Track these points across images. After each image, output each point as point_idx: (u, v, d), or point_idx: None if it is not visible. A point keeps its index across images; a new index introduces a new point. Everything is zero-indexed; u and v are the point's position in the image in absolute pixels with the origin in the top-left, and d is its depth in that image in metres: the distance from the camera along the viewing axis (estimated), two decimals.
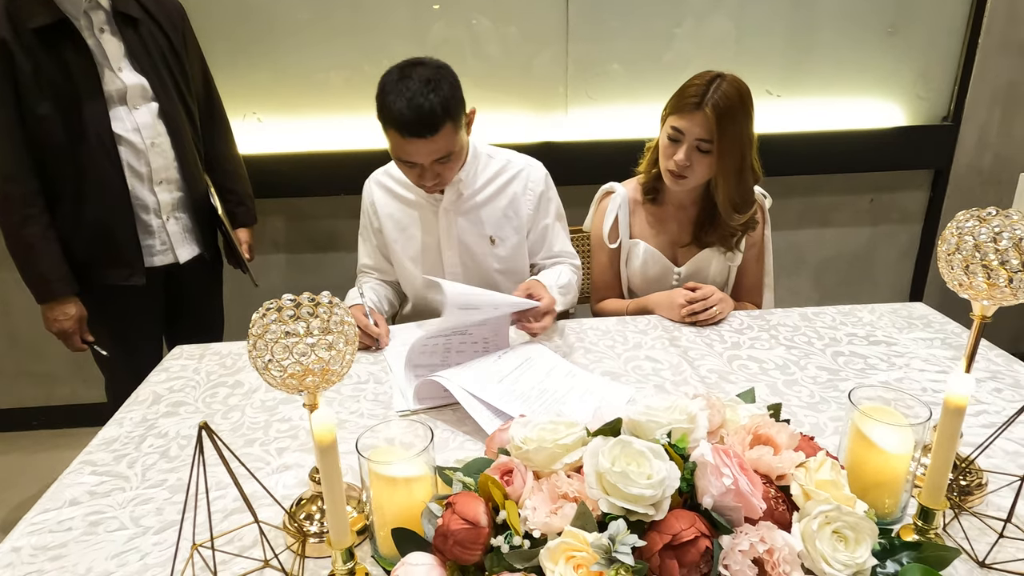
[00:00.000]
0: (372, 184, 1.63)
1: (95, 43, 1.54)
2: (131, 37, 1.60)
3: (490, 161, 1.59)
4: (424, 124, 1.32)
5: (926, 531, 0.83)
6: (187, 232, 1.78)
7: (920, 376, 1.27)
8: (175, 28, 1.70)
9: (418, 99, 1.30)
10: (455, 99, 1.36)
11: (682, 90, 1.49)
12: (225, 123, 1.92)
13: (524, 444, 0.75)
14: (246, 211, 1.97)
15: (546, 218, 1.65)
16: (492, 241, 1.59)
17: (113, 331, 1.74)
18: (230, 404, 1.23)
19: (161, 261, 1.73)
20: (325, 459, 0.72)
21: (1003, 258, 0.79)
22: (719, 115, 1.43)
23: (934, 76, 2.51)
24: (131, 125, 1.61)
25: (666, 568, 0.64)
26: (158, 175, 1.67)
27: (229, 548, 0.87)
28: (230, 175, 1.92)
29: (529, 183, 1.61)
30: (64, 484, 1.01)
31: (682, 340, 1.43)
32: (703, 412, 0.76)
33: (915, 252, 2.77)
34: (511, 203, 1.60)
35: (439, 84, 1.32)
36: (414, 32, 2.26)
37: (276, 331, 0.77)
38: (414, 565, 0.70)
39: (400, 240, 1.61)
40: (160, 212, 1.70)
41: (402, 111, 1.31)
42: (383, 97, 1.34)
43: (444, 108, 1.32)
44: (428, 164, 1.38)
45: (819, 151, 2.51)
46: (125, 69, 1.59)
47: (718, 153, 1.47)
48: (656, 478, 0.65)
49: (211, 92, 1.87)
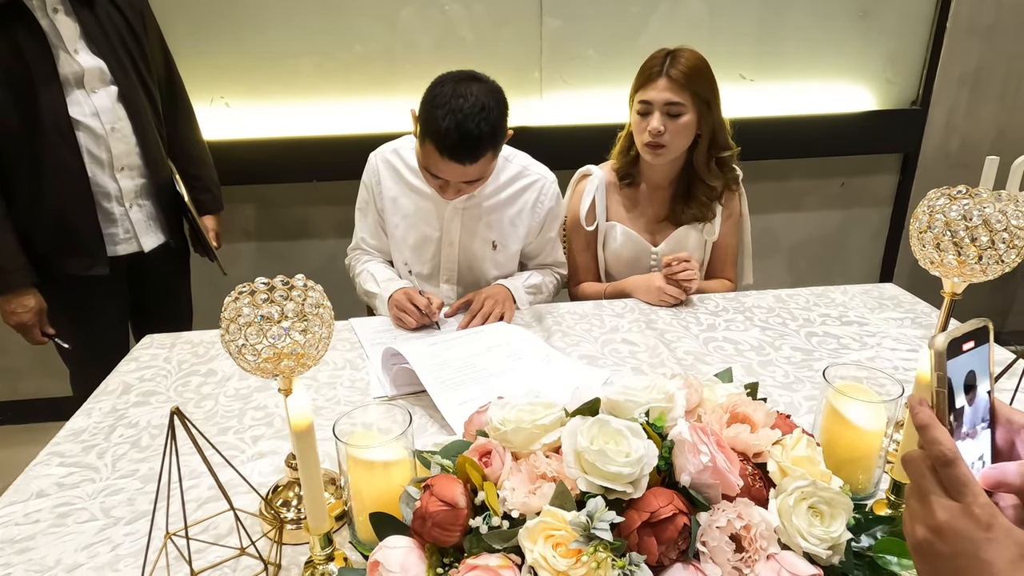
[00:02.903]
0: (378, 161, 1.57)
1: (48, 24, 1.47)
2: (87, 18, 1.53)
3: (506, 165, 1.55)
4: (467, 151, 1.27)
5: (899, 505, 0.85)
6: (151, 220, 1.73)
7: (891, 355, 1.30)
8: (133, 9, 1.64)
9: (468, 124, 1.24)
10: (502, 128, 1.33)
11: (642, 68, 1.54)
12: (188, 107, 1.87)
13: (503, 425, 0.74)
14: (212, 198, 1.92)
15: (551, 232, 1.64)
16: (494, 246, 1.57)
17: (76, 322, 1.69)
18: (203, 393, 1.21)
19: (125, 250, 1.68)
20: (302, 444, 0.71)
21: (973, 235, 0.81)
22: (682, 74, 1.48)
23: (903, 60, 2.54)
24: (89, 110, 1.55)
25: (644, 545, 0.64)
26: (119, 161, 1.62)
27: (204, 537, 0.85)
28: (194, 161, 1.87)
29: (541, 197, 1.57)
30: (31, 476, 0.99)
31: (658, 323, 1.44)
32: (681, 391, 0.76)
33: (885, 234, 2.82)
34: (519, 213, 1.57)
35: (492, 111, 1.27)
36: (385, 15, 2.23)
37: (249, 315, 0.76)
38: (392, 548, 0.70)
39: (401, 227, 1.57)
40: (123, 200, 1.65)
41: (449, 131, 1.24)
42: (432, 109, 1.27)
43: (491, 137, 1.29)
44: (455, 182, 1.35)
45: (791, 135, 2.53)
46: (82, 51, 1.53)
47: (693, 107, 1.50)
48: (634, 456, 0.66)
49: (172, 75, 1.81)
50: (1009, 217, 0.80)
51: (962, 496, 0.48)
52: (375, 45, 2.26)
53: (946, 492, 0.49)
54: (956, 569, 0.48)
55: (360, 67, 2.29)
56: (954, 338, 0.51)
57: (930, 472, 0.50)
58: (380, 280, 1.53)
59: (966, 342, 0.52)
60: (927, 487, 0.50)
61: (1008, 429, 0.54)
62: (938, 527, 0.49)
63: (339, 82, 2.30)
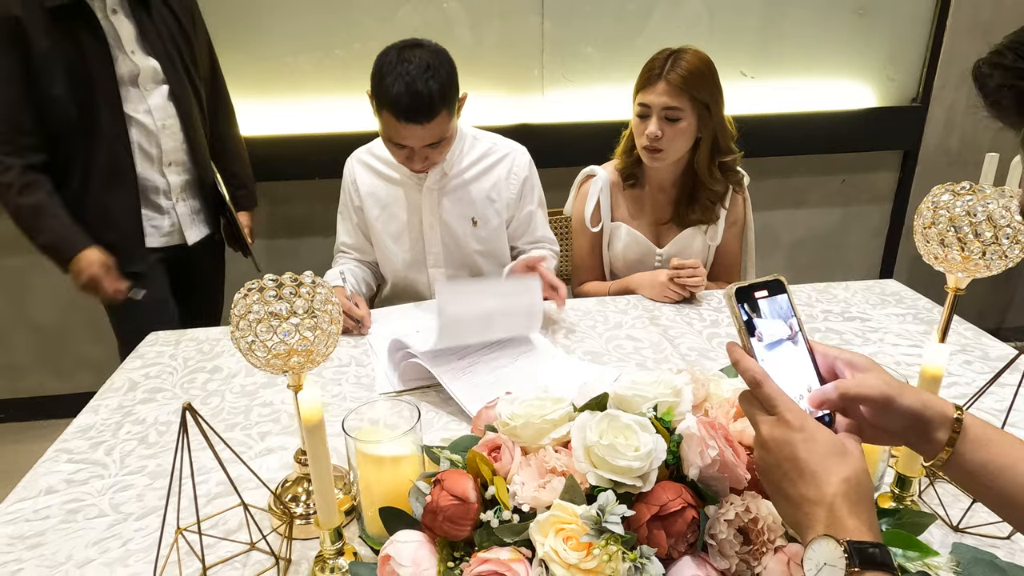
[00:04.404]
0: (354, 162, 1.61)
1: (108, 25, 1.53)
2: (143, 19, 1.58)
3: (475, 143, 1.58)
4: (422, 110, 1.30)
5: (903, 498, 0.85)
6: (195, 214, 1.78)
7: (894, 350, 1.30)
8: (184, 9, 1.69)
9: (417, 84, 1.28)
10: (452, 85, 1.35)
11: (643, 68, 1.53)
12: (229, 104, 1.93)
13: (512, 420, 0.75)
14: (247, 194, 1.97)
15: (530, 204, 1.64)
16: (474, 222, 1.58)
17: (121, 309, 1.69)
18: (209, 389, 1.21)
19: (169, 242, 1.73)
20: (312, 439, 0.71)
21: (977, 231, 0.81)
22: (681, 80, 1.46)
23: (903, 58, 2.55)
24: (143, 107, 1.61)
25: (654, 538, 0.65)
26: (168, 157, 1.67)
27: (214, 532, 0.86)
28: (232, 156, 1.92)
29: (514, 168, 1.60)
30: (39, 473, 0.99)
31: (662, 319, 1.45)
32: (688, 386, 0.77)
33: (885, 231, 2.83)
34: (494, 186, 1.59)
35: (438, 69, 1.30)
36: (385, 13, 2.23)
37: (259, 311, 0.76)
38: (404, 543, 0.70)
39: (382, 218, 1.59)
40: (170, 194, 1.70)
41: (400, 95, 1.28)
42: (380, 79, 1.32)
43: (442, 94, 1.31)
44: (419, 148, 1.37)
45: (792, 133, 2.54)
46: (137, 52, 1.58)
47: (692, 112, 1.49)
48: (643, 450, 0.66)
49: (216, 73, 1.87)
50: (1012, 212, 0.80)
51: (774, 408, 0.57)
52: (375, 43, 2.25)
53: (765, 411, 0.58)
54: (784, 475, 0.56)
55: (360, 65, 2.28)
56: (740, 287, 0.62)
57: (752, 399, 0.60)
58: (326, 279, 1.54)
59: (758, 290, 0.62)
60: (752, 412, 0.60)
61: (826, 362, 0.64)
62: (763, 442, 0.58)
63: (339, 80, 2.30)
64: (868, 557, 0.49)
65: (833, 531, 0.51)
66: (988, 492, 0.59)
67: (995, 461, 0.58)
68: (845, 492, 0.53)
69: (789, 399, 0.58)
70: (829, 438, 0.56)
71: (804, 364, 0.63)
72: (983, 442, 0.59)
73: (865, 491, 0.54)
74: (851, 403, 0.61)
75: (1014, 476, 0.57)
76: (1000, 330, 2.98)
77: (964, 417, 0.59)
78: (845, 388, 0.60)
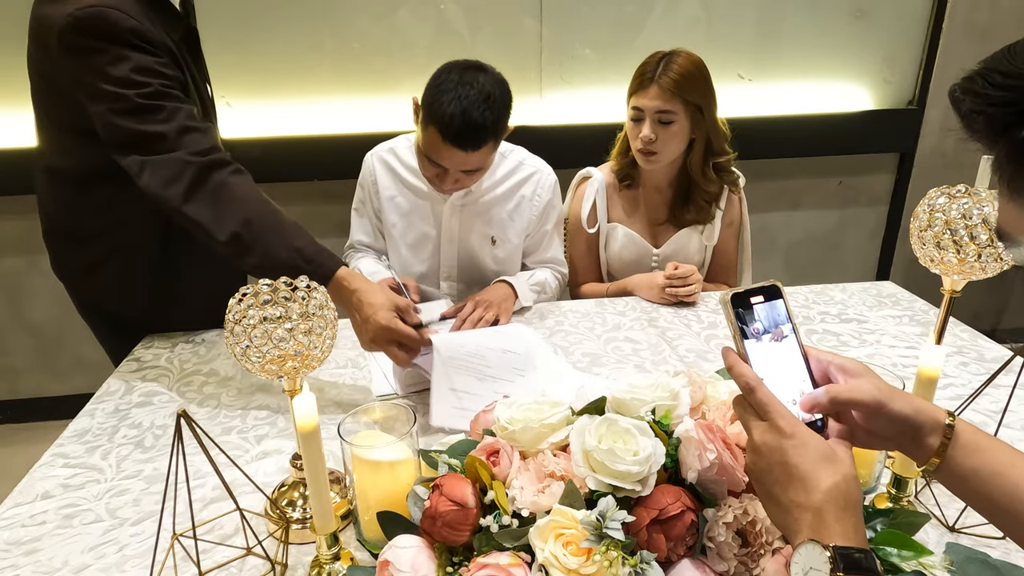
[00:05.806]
0: (375, 161, 1.57)
1: None
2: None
3: (503, 160, 1.56)
4: (470, 138, 1.28)
5: (899, 499, 0.85)
6: None
7: (890, 352, 1.30)
8: None
9: (473, 112, 1.26)
10: (505, 120, 1.34)
11: (636, 72, 1.54)
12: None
13: (510, 424, 0.75)
14: None
15: (547, 224, 1.63)
16: (493, 241, 1.57)
17: None
18: (205, 393, 1.21)
19: None
20: (308, 444, 0.71)
21: (972, 233, 0.81)
22: (673, 83, 1.47)
23: (900, 60, 2.56)
24: None
25: (653, 542, 0.65)
26: None
27: (210, 537, 0.85)
28: None
29: (538, 189, 1.58)
30: (35, 478, 0.99)
31: (660, 321, 1.45)
32: (685, 389, 0.77)
33: (881, 233, 2.83)
34: (517, 207, 1.57)
35: (496, 101, 1.29)
36: (383, 13, 2.23)
37: (254, 316, 0.76)
38: (402, 548, 0.70)
39: (400, 226, 1.57)
40: None
41: (453, 116, 1.25)
42: (437, 94, 1.28)
43: (494, 127, 1.30)
44: (454, 171, 1.35)
45: (789, 135, 2.54)
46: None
47: (685, 114, 1.50)
48: (642, 455, 0.66)
49: None
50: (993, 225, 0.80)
51: (767, 414, 0.58)
52: (372, 44, 2.27)
53: (758, 417, 0.59)
54: (775, 480, 0.57)
55: (358, 66, 2.29)
56: (736, 293, 0.62)
57: (745, 404, 0.60)
58: (368, 275, 1.52)
59: (754, 295, 0.63)
60: (745, 417, 0.60)
61: (819, 367, 0.64)
62: (755, 447, 0.58)
63: (337, 81, 2.30)
64: (853, 562, 0.50)
65: (819, 536, 0.52)
66: (978, 498, 0.59)
67: (986, 467, 0.58)
68: (833, 498, 0.54)
69: (781, 405, 0.58)
70: (819, 444, 0.56)
71: (798, 368, 0.64)
72: (974, 448, 0.59)
73: (853, 497, 0.55)
74: (842, 407, 0.61)
75: (1004, 482, 0.57)
76: (995, 332, 2.99)
77: (956, 423, 0.60)
78: (836, 393, 0.60)
